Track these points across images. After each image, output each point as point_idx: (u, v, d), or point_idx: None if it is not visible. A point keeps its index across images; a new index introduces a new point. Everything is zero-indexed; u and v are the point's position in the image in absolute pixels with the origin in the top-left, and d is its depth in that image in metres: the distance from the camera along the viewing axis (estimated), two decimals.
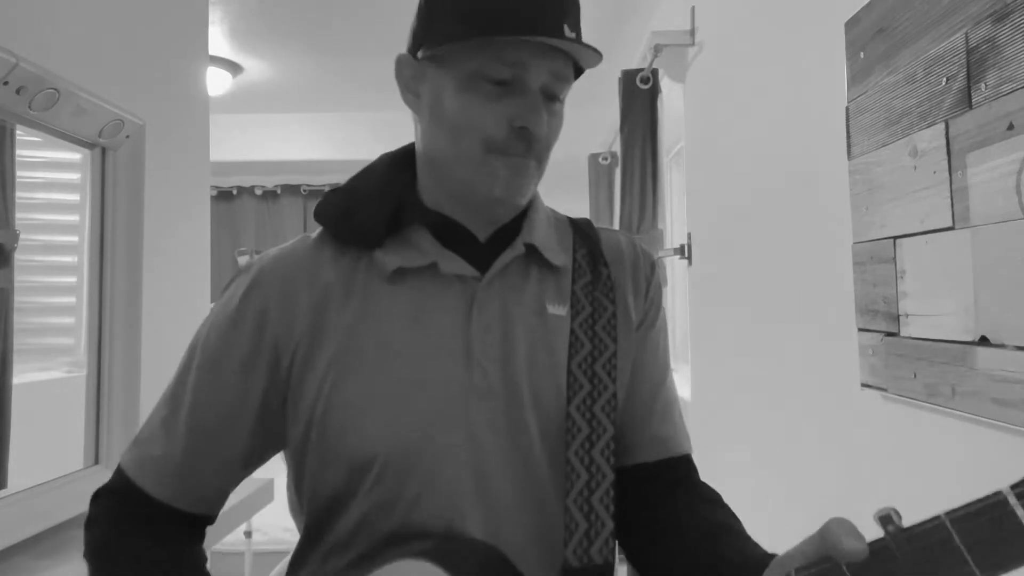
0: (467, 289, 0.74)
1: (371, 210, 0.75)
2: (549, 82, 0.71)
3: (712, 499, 0.76)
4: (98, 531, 0.73)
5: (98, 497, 0.75)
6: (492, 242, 0.77)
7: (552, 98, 0.72)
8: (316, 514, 0.74)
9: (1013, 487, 0.44)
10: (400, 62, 0.76)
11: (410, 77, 0.76)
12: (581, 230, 0.82)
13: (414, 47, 0.74)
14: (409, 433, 0.69)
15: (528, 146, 0.71)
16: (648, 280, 0.82)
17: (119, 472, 0.75)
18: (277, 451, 0.77)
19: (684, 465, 0.79)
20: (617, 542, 0.75)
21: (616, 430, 0.73)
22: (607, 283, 0.78)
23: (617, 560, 0.73)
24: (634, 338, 0.79)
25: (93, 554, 0.72)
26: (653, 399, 0.79)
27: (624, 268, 0.81)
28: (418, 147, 0.79)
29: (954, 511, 0.45)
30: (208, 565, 0.76)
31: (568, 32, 0.68)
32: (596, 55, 0.70)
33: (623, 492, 0.74)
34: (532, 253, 0.77)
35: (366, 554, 0.68)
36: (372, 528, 0.70)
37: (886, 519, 0.48)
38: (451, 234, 0.76)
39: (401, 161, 0.81)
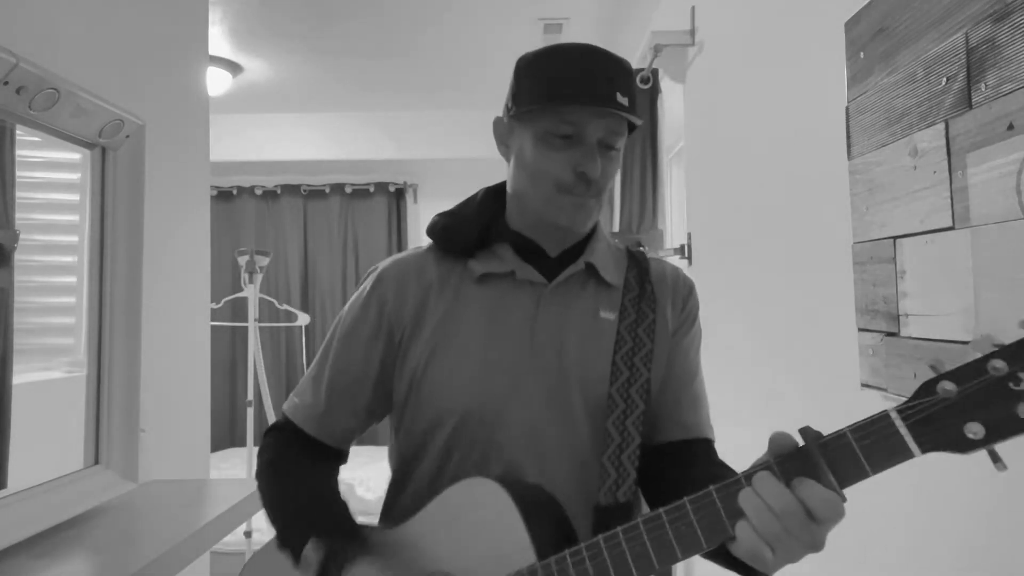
0: (536, 293, 0.96)
1: (468, 229, 0.99)
2: (605, 136, 0.92)
3: (723, 466, 0.93)
4: (269, 452, 0.99)
5: (268, 432, 1.02)
6: (560, 258, 0.99)
7: (608, 147, 0.93)
8: (409, 452, 0.96)
9: (896, 408, 0.61)
10: (496, 123, 1.00)
11: (503, 133, 1.00)
12: (633, 256, 1.05)
13: (506, 112, 0.98)
14: (481, 397, 0.92)
15: (587, 186, 0.92)
16: (685, 300, 1.02)
17: (283, 415, 1.02)
18: (389, 411, 1.01)
19: (705, 446, 0.98)
20: (641, 491, 0.95)
21: (651, 414, 0.94)
22: (651, 297, 0.99)
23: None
24: (670, 341, 0.99)
25: (265, 467, 0.97)
26: (682, 392, 0.99)
27: (666, 287, 1.02)
28: (508, 184, 1.02)
29: (854, 425, 0.63)
30: (208, 565, 0.82)
31: (620, 98, 0.90)
32: (638, 118, 0.93)
33: (654, 465, 0.93)
34: (591, 270, 0.99)
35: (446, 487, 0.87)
36: (450, 465, 0.92)
37: (806, 431, 0.65)
38: (528, 250, 0.99)
39: (495, 193, 1.04)
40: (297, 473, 0.96)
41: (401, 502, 0.98)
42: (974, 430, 0.59)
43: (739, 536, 0.66)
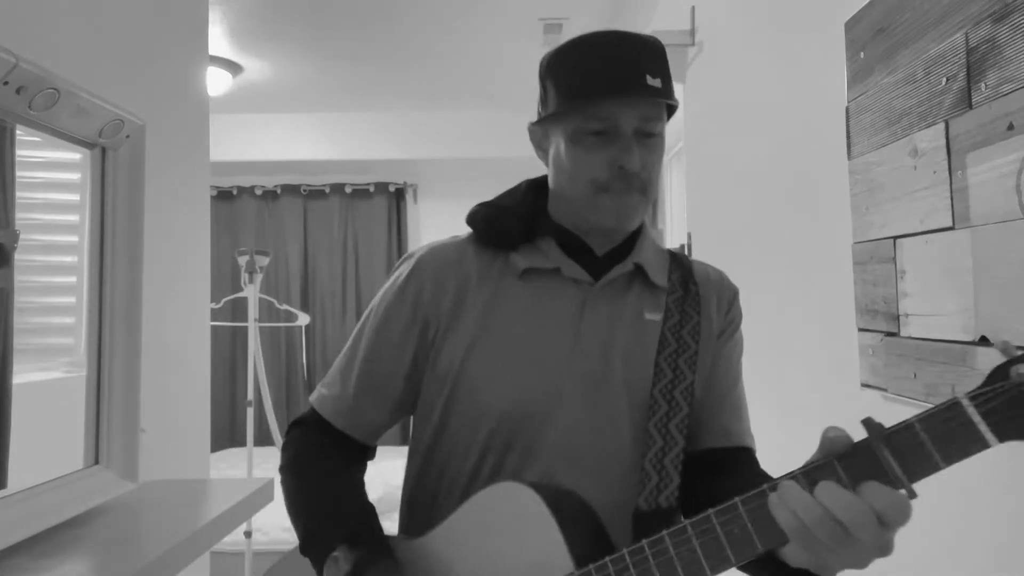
0: (581, 291, 0.93)
1: (511, 221, 0.96)
2: (640, 124, 0.87)
3: (765, 477, 0.86)
4: (293, 446, 0.97)
5: (293, 425, 0.99)
6: (607, 257, 0.95)
7: (647, 135, 0.88)
8: (440, 453, 0.92)
9: (968, 394, 0.57)
10: (530, 130, 0.98)
11: (538, 138, 0.97)
12: (677, 258, 1.01)
13: (537, 117, 0.96)
14: (521, 399, 0.88)
15: (628, 181, 0.88)
16: (730, 303, 1.00)
17: (310, 407, 0.99)
18: (415, 408, 0.97)
19: (747, 455, 0.95)
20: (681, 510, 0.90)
21: (692, 419, 0.91)
22: (695, 298, 0.96)
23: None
24: (714, 344, 0.96)
25: (288, 464, 0.95)
26: (724, 397, 0.96)
27: (711, 289, 0.99)
28: (550, 182, 0.98)
29: (922, 414, 0.58)
30: (208, 565, 0.82)
31: (651, 81, 0.85)
32: (674, 99, 0.89)
33: (695, 474, 0.89)
34: (638, 271, 0.95)
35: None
36: (485, 468, 0.88)
37: (869, 423, 0.60)
38: (573, 246, 0.95)
39: (539, 186, 1.00)
40: (322, 473, 0.92)
41: (426, 505, 0.93)
42: None
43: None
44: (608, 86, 0.85)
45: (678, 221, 3.18)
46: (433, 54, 3.87)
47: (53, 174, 1.57)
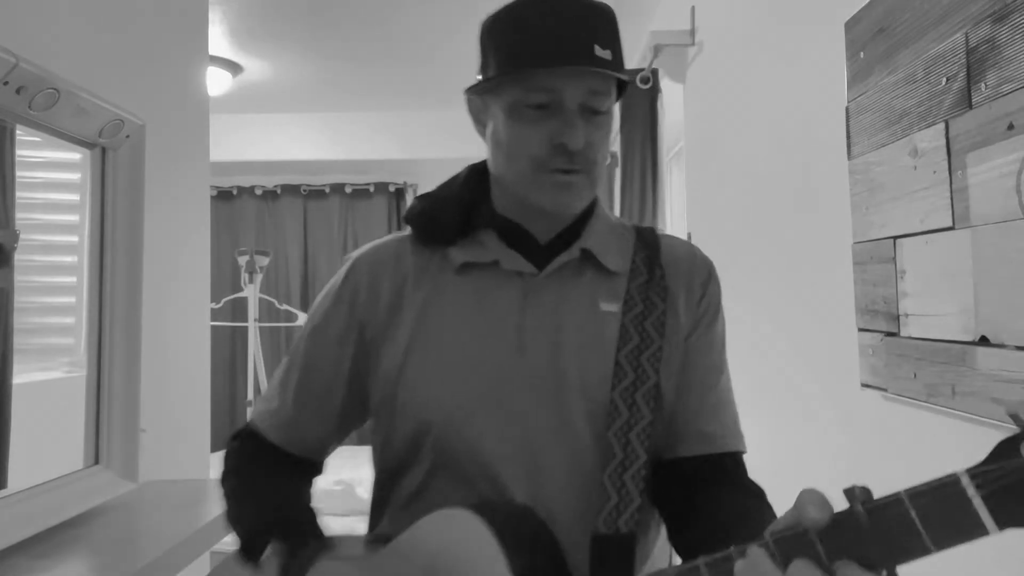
0: (524, 284, 0.84)
1: (448, 214, 0.88)
2: (586, 99, 0.78)
3: (753, 493, 0.81)
4: (230, 461, 0.91)
5: (233, 438, 0.94)
6: (552, 245, 0.86)
7: (593, 112, 0.79)
8: (388, 466, 0.86)
9: (968, 470, 0.48)
10: (469, 99, 0.89)
11: (477, 110, 0.88)
12: (643, 236, 0.90)
13: (476, 85, 0.86)
14: (460, 405, 0.80)
15: (569, 159, 0.79)
16: (704, 286, 0.88)
17: (248, 421, 0.93)
18: (366, 418, 0.90)
19: (731, 462, 0.84)
20: (663, 517, 0.84)
21: (668, 423, 0.82)
22: (660, 284, 0.85)
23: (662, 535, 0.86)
24: (684, 338, 0.85)
25: (224, 478, 0.89)
26: (703, 398, 0.85)
27: (679, 272, 0.87)
28: (488, 165, 0.90)
29: (913, 489, 0.50)
30: (208, 565, 0.79)
31: (599, 51, 0.76)
32: (624, 73, 0.80)
33: (673, 483, 0.82)
34: (588, 257, 0.86)
35: (428, 508, 0.77)
36: (434, 483, 0.81)
37: (851, 492, 0.52)
38: (515, 236, 0.86)
39: (480, 172, 0.92)
40: (261, 481, 0.87)
41: (382, 524, 0.88)
42: None
43: None
44: (551, 55, 0.76)
45: (678, 221, 3.18)
46: (433, 54, 3.87)
47: (53, 174, 1.57)
